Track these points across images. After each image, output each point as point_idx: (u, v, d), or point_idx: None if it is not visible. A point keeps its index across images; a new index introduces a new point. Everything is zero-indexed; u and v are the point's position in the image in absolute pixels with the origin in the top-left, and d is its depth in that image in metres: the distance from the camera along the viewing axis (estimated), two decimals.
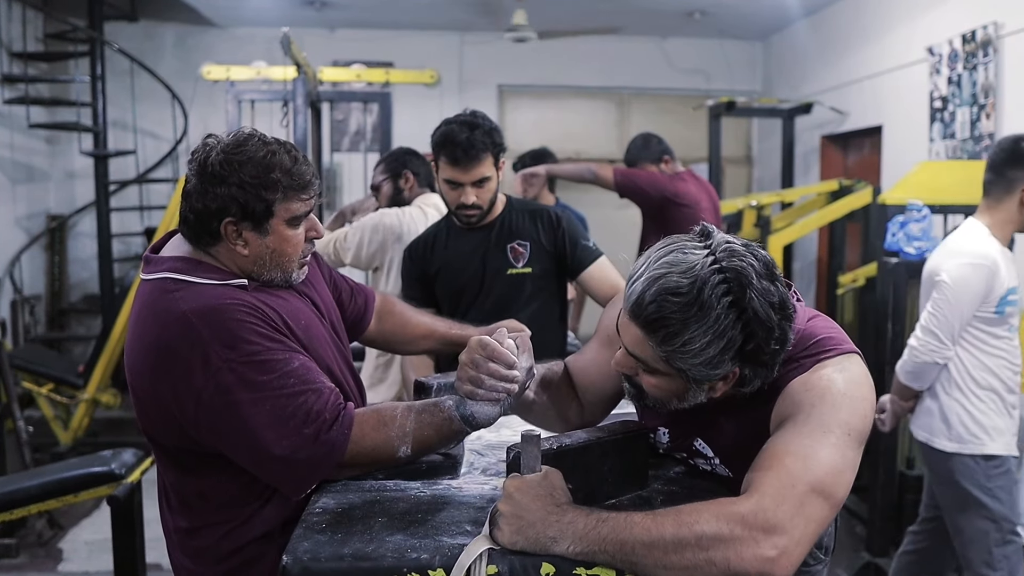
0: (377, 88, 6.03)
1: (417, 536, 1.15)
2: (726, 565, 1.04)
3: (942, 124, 4.86)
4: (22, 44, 5.90)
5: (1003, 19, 4.35)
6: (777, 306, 1.16)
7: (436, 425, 1.36)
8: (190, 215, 1.39)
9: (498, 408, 1.36)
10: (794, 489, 1.09)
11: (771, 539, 1.05)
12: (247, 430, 1.28)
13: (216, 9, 6.55)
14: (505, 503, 1.12)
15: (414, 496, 1.31)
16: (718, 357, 1.15)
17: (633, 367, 1.25)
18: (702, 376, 1.18)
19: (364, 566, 1.10)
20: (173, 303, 1.32)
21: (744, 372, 1.20)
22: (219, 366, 1.27)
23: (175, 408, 1.31)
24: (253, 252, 1.39)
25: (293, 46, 4.43)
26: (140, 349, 1.35)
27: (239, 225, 1.37)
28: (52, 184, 6.79)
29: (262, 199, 1.36)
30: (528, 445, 1.14)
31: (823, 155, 6.57)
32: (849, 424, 1.16)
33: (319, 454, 1.29)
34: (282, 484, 1.33)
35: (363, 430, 1.33)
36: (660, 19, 6.79)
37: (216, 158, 1.36)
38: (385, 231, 2.99)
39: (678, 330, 1.13)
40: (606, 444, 1.28)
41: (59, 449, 4.86)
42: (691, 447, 1.37)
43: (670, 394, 1.25)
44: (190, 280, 1.36)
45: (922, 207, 3.25)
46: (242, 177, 1.35)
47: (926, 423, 2.62)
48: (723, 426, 1.31)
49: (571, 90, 7.54)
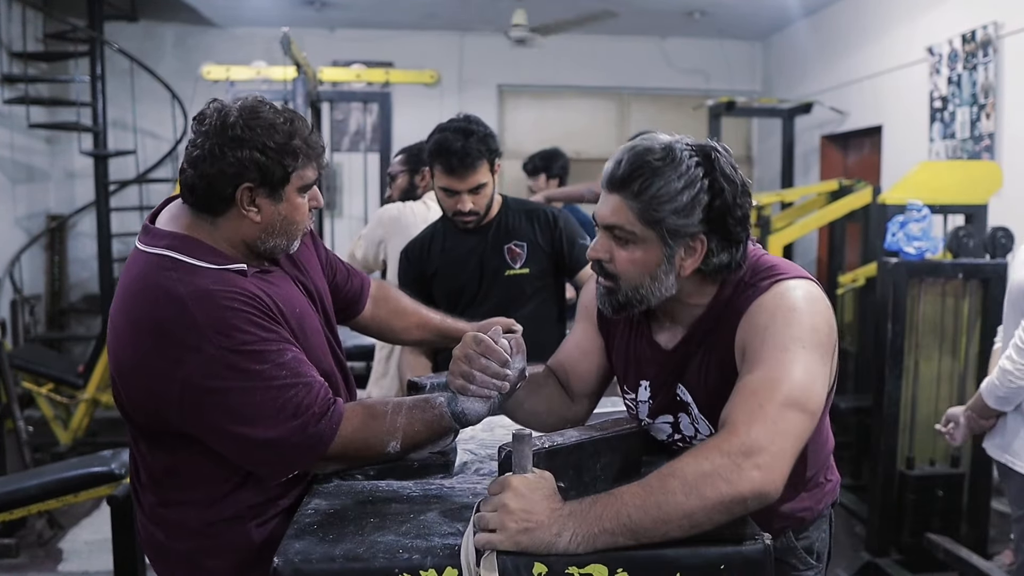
0: (377, 88, 6.03)
1: (409, 536, 1.15)
2: (719, 498, 1.06)
3: (942, 124, 4.86)
4: (22, 44, 5.91)
5: (1003, 19, 4.34)
6: (740, 178, 1.29)
7: (427, 421, 1.36)
8: (199, 181, 1.34)
9: (488, 406, 1.36)
10: (763, 409, 1.13)
11: (751, 460, 1.08)
12: (234, 417, 1.27)
13: (216, 9, 6.55)
14: (513, 499, 1.09)
15: (406, 496, 1.31)
16: (689, 205, 1.25)
17: (608, 248, 1.31)
18: (674, 227, 1.25)
19: (356, 567, 1.10)
20: (170, 283, 1.29)
21: (711, 245, 1.27)
22: (212, 353, 1.26)
23: (157, 387, 1.29)
24: (265, 219, 1.38)
25: (293, 46, 4.44)
26: (129, 323, 1.32)
27: (255, 191, 1.35)
28: (52, 184, 6.80)
29: (282, 165, 1.35)
30: (520, 444, 1.13)
31: (823, 155, 6.56)
32: (805, 338, 1.21)
33: (304, 445, 1.29)
34: (262, 469, 1.33)
35: (352, 424, 1.33)
36: (660, 19, 6.79)
37: (236, 121, 1.33)
38: (386, 225, 3.11)
39: (652, 179, 1.25)
40: (598, 442, 1.28)
41: (59, 449, 4.86)
42: (675, 398, 1.38)
43: (643, 271, 1.29)
44: (189, 261, 1.33)
45: (922, 207, 3.25)
46: (265, 142, 1.33)
47: (1007, 443, 2.34)
48: (696, 365, 1.34)
49: (571, 90, 7.54)
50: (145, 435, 1.39)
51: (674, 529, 1.07)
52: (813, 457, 1.43)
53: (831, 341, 1.25)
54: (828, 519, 1.56)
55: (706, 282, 1.33)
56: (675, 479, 1.07)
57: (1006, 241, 3.31)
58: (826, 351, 1.23)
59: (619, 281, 1.31)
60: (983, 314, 3.34)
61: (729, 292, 1.32)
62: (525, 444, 1.13)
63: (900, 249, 3.27)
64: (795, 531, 1.48)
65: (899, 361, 3.30)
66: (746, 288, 1.30)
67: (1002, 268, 3.27)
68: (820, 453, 1.48)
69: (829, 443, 1.53)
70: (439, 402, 1.37)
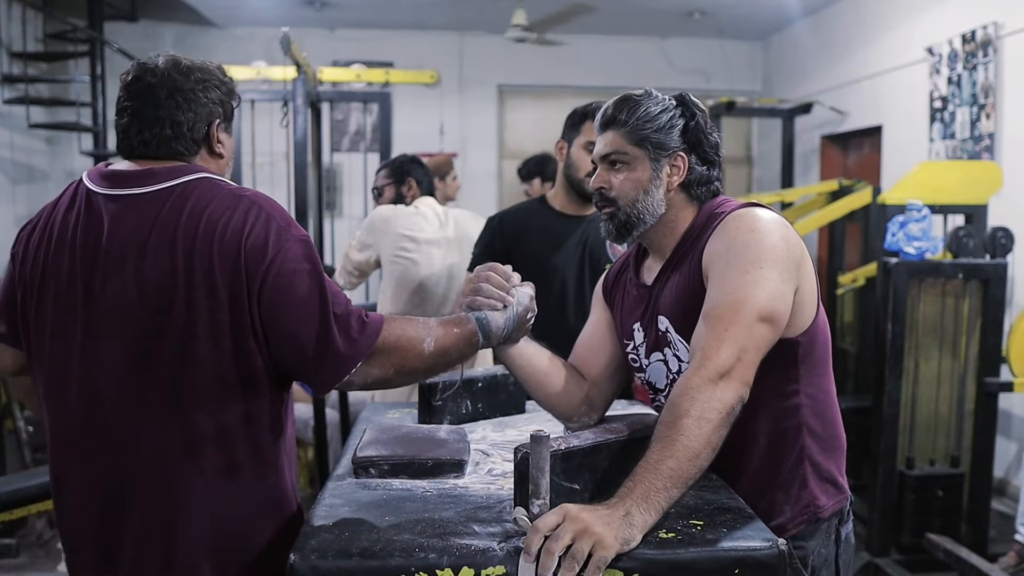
0: (377, 88, 6.04)
1: (425, 535, 1.15)
2: (719, 418, 1.22)
3: (942, 124, 4.87)
4: (22, 44, 5.90)
5: (1003, 19, 4.36)
6: (707, 115, 1.52)
7: (455, 323, 1.43)
8: (179, 127, 1.38)
9: (504, 316, 1.46)
10: (728, 332, 1.29)
11: (727, 378, 1.25)
12: (312, 293, 1.30)
13: (216, 9, 6.55)
14: (579, 517, 1.08)
15: (420, 495, 1.32)
16: (668, 124, 1.48)
17: (606, 178, 1.52)
18: (658, 142, 1.47)
19: (372, 564, 1.10)
20: (235, 191, 1.35)
21: (691, 162, 1.49)
22: (291, 236, 1.31)
23: (231, 283, 1.28)
24: (227, 154, 1.46)
25: (293, 46, 4.43)
26: (201, 227, 1.29)
27: (220, 127, 1.43)
28: (52, 184, 6.78)
29: (231, 100, 1.45)
30: (536, 446, 1.14)
31: (823, 155, 6.58)
32: (764, 257, 1.34)
33: (366, 332, 1.33)
34: (331, 361, 1.31)
35: (392, 320, 1.39)
36: (660, 19, 6.80)
37: (190, 67, 1.40)
38: (377, 228, 3.19)
39: (635, 107, 1.49)
40: (613, 445, 1.29)
41: None
42: (658, 332, 1.49)
43: (637, 187, 1.49)
44: (227, 182, 1.39)
45: (922, 207, 3.26)
46: (221, 79, 1.43)
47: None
48: (670, 288, 1.49)
49: (571, 90, 7.54)
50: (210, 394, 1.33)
51: (704, 459, 1.20)
52: (822, 427, 1.47)
53: (790, 256, 1.37)
54: (834, 539, 1.50)
55: (688, 204, 1.52)
56: (684, 420, 1.20)
57: (1006, 241, 3.32)
58: (785, 267, 1.36)
59: (618, 202, 1.51)
60: (983, 314, 3.35)
61: (702, 220, 1.49)
62: (542, 445, 1.14)
63: (900, 249, 3.28)
64: (793, 536, 1.43)
65: (899, 361, 3.31)
66: (715, 218, 1.46)
67: (1002, 268, 3.29)
68: (829, 429, 1.50)
69: (840, 439, 1.52)
70: (464, 313, 1.46)
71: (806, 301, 1.40)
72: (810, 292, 1.41)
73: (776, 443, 1.44)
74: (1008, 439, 4.33)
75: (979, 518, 3.39)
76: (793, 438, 1.44)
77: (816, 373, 1.46)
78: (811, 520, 1.45)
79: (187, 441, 1.29)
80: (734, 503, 1.29)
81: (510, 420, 1.83)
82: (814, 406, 1.45)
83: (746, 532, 1.17)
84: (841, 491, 1.50)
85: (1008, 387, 3.39)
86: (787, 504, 1.43)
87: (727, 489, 1.35)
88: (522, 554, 1.09)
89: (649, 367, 1.54)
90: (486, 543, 1.13)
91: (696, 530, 1.18)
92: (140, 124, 1.37)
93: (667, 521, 1.19)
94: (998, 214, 3.62)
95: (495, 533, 1.16)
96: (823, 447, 1.47)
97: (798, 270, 1.38)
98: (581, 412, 1.59)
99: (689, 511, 1.24)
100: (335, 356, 1.30)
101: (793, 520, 1.44)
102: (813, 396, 1.45)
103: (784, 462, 1.44)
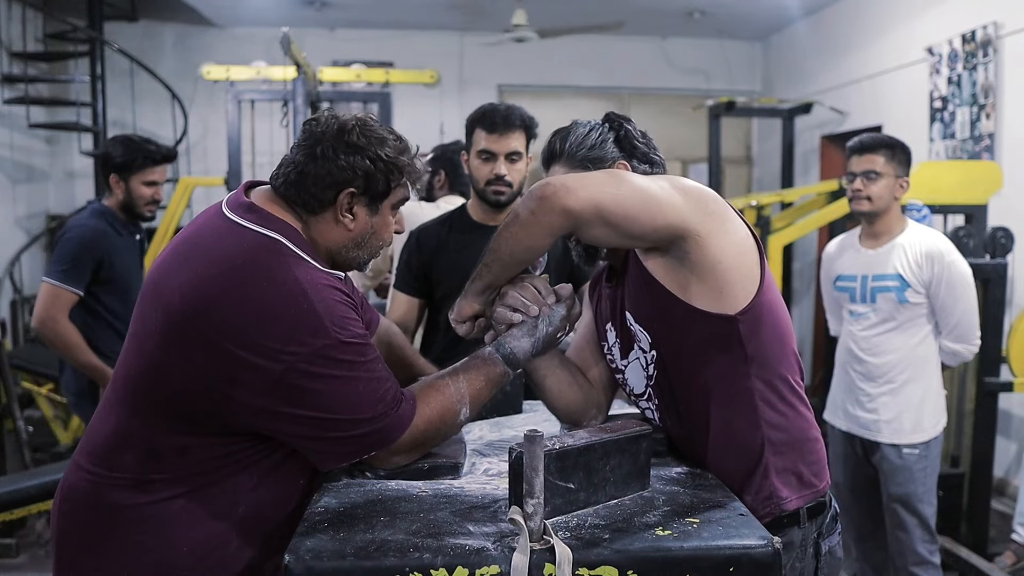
0: (377, 88, 6.04)
1: (420, 536, 1.15)
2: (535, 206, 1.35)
3: (942, 124, 4.87)
4: (22, 44, 5.91)
5: (1003, 19, 4.35)
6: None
7: (484, 373, 1.43)
8: (304, 178, 1.37)
9: (531, 342, 1.45)
10: (584, 180, 1.38)
11: (565, 190, 1.34)
12: (336, 401, 1.29)
13: (216, 9, 6.55)
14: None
15: (416, 496, 1.31)
16: (599, 141, 1.55)
17: None
18: (596, 157, 1.54)
19: (366, 565, 1.10)
20: (287, 271, 1.30)
21: (632, 165, 1.55)
22: (327, 342, 1.27)
23: (234, 368, 1.27)
24: (358, 229, 1.41)
25: (293, 46, 4.44)
26: (224, 295, 1.28)
27: (356, 198, 1.39)
28: (52, 184, 6.79)
29: (387, 178, 1.40)
30: (530, 445, 1.14)
31: (823, 155, 6.58)
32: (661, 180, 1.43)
33: (389, 427, 1.34)
34: (338, 450, 1.33)
35: (425, 405, 1.38)
36: (660, 19, 6.80)
37: (353, 129, 1.37)
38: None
39: (564, 137, 1.57)
40: (608, 444, 1.28)
41: (59, 449, 4.85)
42: (628, 329, 1.51)
43: None
44: (300, 253, 1.34)
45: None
46: (378, 152, 1.38)
47: None
48: (627, 283, 1.52)
49: (571, 90, 7.55)
50: (165, 414, 1.35)
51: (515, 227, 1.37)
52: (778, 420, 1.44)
53: (702, 197, 1.41)
54: (813, 552, 1.45)
55: None
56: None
57: (1006, 241, 3.31)
58: (687, 198, 1.40)
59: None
60: (983, 314, 3.34)
61: None
62: (536, 445, 1.14)
63: None
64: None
65: None
66: None
67: (1002, 268, 3.28)
68: (794, 426, 1.46)
69: (805, 431, 1.48)
70: (487, 352, 1.44)
71: (739, 278, 1.38)
72: (744, 269, 1.40)
73: (731, 430, 1.43)
74: (1008, 439, 4.33)
75: (979, 518, 3.38)
76: (751, 425, 1.42)
77: (771, 358, 1.43)
78: (775, 513, 1.42)
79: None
80: (729, 501, 1.29)
81: (507, 420, 1.83)
82: (769, 394, 1.43)
83: (741, 530, 1.17)
84: (808, 486, 1.45)
85: (1008, 387, 3.39)
86: (747, 494, 1.41)
87: (723, 488, 1.35)
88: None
89: (627, 368, 1.55)
90: (481, 543, 1.13)
91: (691, 528, 1.18)
92: (285, 159, 1.41)
93: (663, 519, 1.18)
94: (998, 214, 3.62)
95: (490, 533, 1.16)
96: (784, 438, 1.44)
97: (707, 216, 1.38)
98: (591, 416, 1.63)
99: (685, 509, 1.24)
100: (346, 445, 1.33)
101: (755, 511, 1.36)
102: (769, 383, 1.43)
103: (742, 449, 1.42)
